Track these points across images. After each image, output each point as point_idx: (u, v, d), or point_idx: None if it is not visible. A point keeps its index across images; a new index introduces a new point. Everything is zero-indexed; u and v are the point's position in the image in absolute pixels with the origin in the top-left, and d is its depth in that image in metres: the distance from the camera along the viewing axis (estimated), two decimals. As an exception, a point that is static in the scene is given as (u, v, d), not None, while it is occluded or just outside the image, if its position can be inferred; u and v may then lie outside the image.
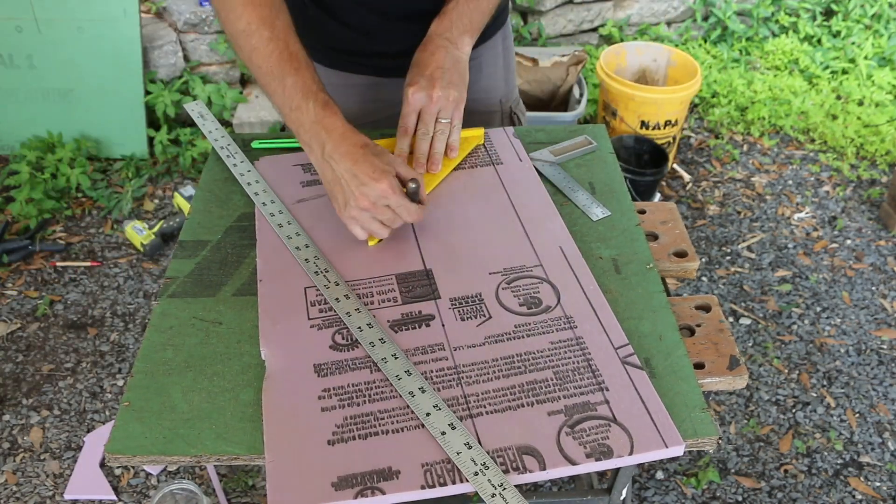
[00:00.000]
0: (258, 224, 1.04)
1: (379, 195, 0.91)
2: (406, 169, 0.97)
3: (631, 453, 0.75)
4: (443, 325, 0.89)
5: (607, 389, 0.81)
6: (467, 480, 0.73)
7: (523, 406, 0.80)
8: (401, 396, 0.81)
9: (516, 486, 0.73)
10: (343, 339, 0.88)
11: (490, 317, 0.90)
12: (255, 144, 1.21)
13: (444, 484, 0.73)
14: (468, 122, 1.32)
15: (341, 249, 0.99)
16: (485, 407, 0.80)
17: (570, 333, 0.88)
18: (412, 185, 0.96)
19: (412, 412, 0.79)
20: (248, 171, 1.12)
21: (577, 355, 0.85)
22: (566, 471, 0.74)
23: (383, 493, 0.72)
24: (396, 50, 1.17)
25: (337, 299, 0.91)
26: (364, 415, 0.79)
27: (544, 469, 0.74)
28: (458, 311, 0.91)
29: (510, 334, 0.88)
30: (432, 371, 0.83)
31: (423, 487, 0.73)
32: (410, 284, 0.94)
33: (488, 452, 0.75)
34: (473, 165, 1.15)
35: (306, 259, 0.97)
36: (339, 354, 0.86)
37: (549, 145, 1.21)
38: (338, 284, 0.93)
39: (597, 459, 0.75)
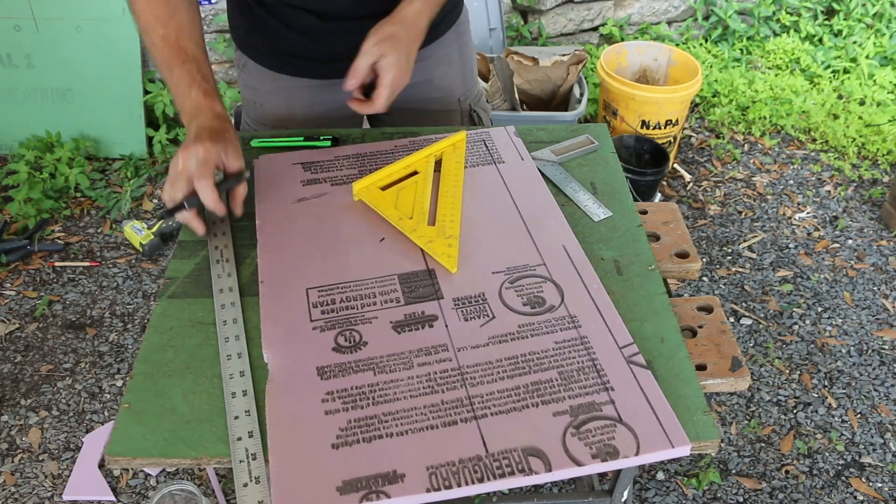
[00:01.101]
0: (259, 224, 1.03)
1: (195, 150, 0.95)
2: (238, 164, 0.99)
3: (637, 454, 0.75)
4: (446, 326, 0.88)
5: (612, 389, 0.81)
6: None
7: (528, 407, 0.79)
8: (403, 399, 0.80)
9: (521, 488, 0.72)
10: (346, 340, 0.87)
11: (493, 317, 0.89)
12: (254, 143, 1.20)
13: (450, 487, 0.72)
14: (427, 122, 1.32)
15: (343, 249, 0.99)
16: (489, 408, 0.79)
17: (574, 333, 0.87)
18: (242, 177, 1.00)
19: (416, 415, 0.78)
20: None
21: (582, 355, 0.85)
22: (572, 472, 0.74)
23: (388, 496, 0.71)
24: (341, 53, 1.15)
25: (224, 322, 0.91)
26: (368, 417, 0.78)
27: (550, 470, 0.73)
28: (462, 312, 0.90)
29: (514, 334, 0.87)
30: (436, 372, 0.83)
31: (428, 491, 0.72)
32: (413, 285, 0.94)
33: (493, 454, 0.75)
34: (475, 164, 1.14)
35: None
36: (342, 356, 0.85)
37: (550, 144, 1.21)
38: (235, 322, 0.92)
39: (603, 460, 0.74)
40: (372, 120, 1.39)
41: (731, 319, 2.15)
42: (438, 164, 1.13)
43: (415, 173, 1.11)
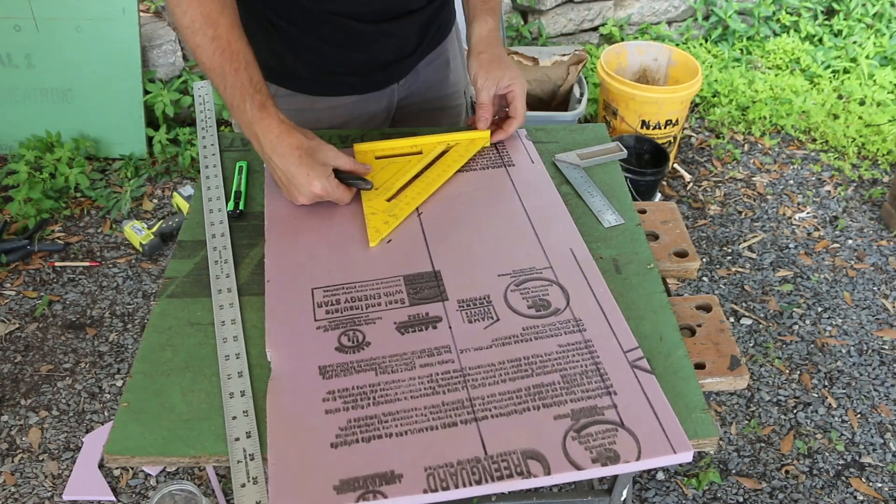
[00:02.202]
0: (268, 223, 1.03)
1: (313, 195, 1.00)
2: (346, 161, 1.03)
3: (638, 458, 0.74)
4: (450, 328, 0.88)
5: (615, 393, 0.80)
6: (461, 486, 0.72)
7: (529, 410, 0.79)
8: (404, 399, 0.80)
9: (519, 490, 0.72)
10: (349, 340, 0.87)
11: (498, 319, 0.89)
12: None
13: (447, 488, 0.72)
14: (443, 118, 1.34)
15: (349, 250, 0.99)
16: (490, 410, 0.79)
17: (578, 336, 0.87)
18: (364, 184, 1.05)
19: (416, 415, 0.78)
20: (214, 166, 1.15)
21: (586, 359, 0.84)
22: (571, 476, 0.73)
23: (385, 496, 0.71)
24: (381, 60, 1.15)
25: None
26: (368, 417, 0.78)
27: (549, 474, 0.73)
28: (466, 314, 0.90)
29: (518, 337, 0.87)
30: (438, 374, 0.83)
31: (425, 491, 0.72)
32: (418, 286, 0.93)
33: (492, 457, 0.75)
34: (485, 167, 1.14)
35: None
36: (345, 356, 0.85)
37: (549, 144, 1.21)
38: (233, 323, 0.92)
39: (603, 465, 0.74)
40: (395, 123, 1.36)
41: (732, 319, 2.15)
42: (445, 153, 1.15)
43: (419, 153, 1.14)
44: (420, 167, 1.11)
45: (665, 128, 2.50)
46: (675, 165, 2.69)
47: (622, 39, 3.14)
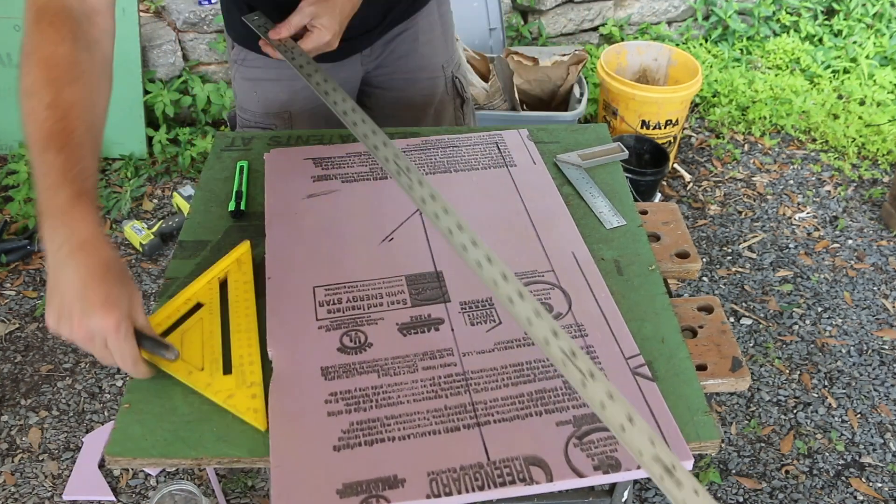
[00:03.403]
0: (268, 219, 1.03)
1: (100, 330, 0.74)
2: (147, 323, 0.80)
3: (639, 467, 0.74)
4: (452, 330, 0.88)
5: None
6: (473, 490, 0.72)
7: (531, 415, 0.79)
8: (407, 403, 0.80)
9: (521, 497, 0.72)
10: (351, 341, 0.86)
11: (500, 322, 0.89)
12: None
13: (450, 493, 0.72)
14: (413, 91, 1.33)
15: (351, 248, 0.98)
16: (492, 415, 0.79)
17: (580, 342, 0.87)
18: (168, 353, 0.80)
19: (419, 419, 0.78)
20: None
21: None
22: (573, 483, 0.73)
23: (388, 501, 0.71)
24: (347, 34, 1.13)
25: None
26: (371, 420, 0.78)
27: (551, 480, 0.73)
28: (468, 316, 0.89)
29: (520, 341, 0.87)
30: (440, 377, 0.82)
31: (428, 497, 0.71)
32: (420, 286, 0.93)
33: (495, 462, 0.75)
34: (486, 167, 1.13)
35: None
36: (347, 357, 0.85)
37: (550, 144, 1.20)
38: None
39: (604, 472, 0.74)
40: (362, 96, 1.38)
41: (732, 319, 2.15)
42: (225, 287, 0.95)
43: (198, 307, 0.92)
44: (218, 319, 0.91)
45: (665, 128, 2.50)
46: (676, 165, 2.69)
47: (622, 39, 3.14)
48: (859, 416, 1.90)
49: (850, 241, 2.41)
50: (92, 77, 0.84)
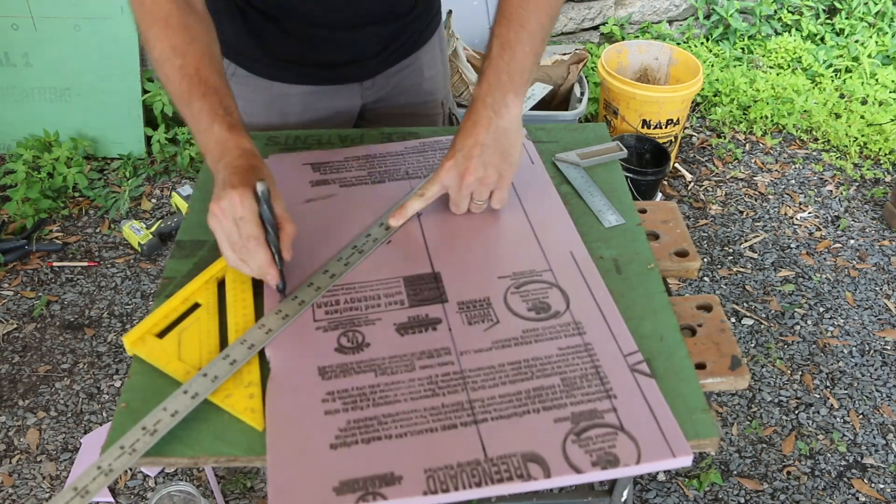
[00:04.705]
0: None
1: (230, 203, 0.83)
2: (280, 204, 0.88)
3: (638, 462, 0.74)
4: (450, 330, 0.87)
5: (615, 397, 0.80)
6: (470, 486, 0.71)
7: (529, 413, 0.78)
8: (404, 401, 0.79)
9: (519, 494, 0.71)
10: (349, 341, 0.86)
11: (498, 321, 0.88)
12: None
13: (447, 490, 0.71)
14: (411, 124, 1.29)
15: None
16: (490, 413, 0.78)
17: (578, 340, 0.86)
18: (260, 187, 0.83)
19: (416, 417, 0.78)
20: None
21: (586, 362, 0.84)
22: (571, 479, 0.73)
23: (385, 498, 0.71)
24: (341, 60, 1.14)
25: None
26: (368, 419, 0.78)
27: (549, 477, 0.73)
28: (466, 316, 0.89)
29: (518, 339, 0.86)
30: (437, 375, 0.82)
31: (425, 494, 0.71)
32: (418, 287, 0.93)
33: (492, 459, 0.74)
34: None
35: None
36: (345, 357, 0.84)
37: (549, 144, 1.20)
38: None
39: (603, 468, 0.74)
40: (361, 123, 1.35)
41: (733, 320, 2.14)
42: (223, 287, 0.94)
43: (196, 307, 0.92)
44: (216, 318, 0.91)
45: (666, 127, 2.49)
46: (676, 165, 2.68)
47: (623, 38, 3.14)
48: (861, 416, 1.89)
49: (851, 241, 2.40)
50: (202, 33, 0.95)
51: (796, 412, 1.90)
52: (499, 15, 0.99)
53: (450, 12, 2.51)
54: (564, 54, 2.53)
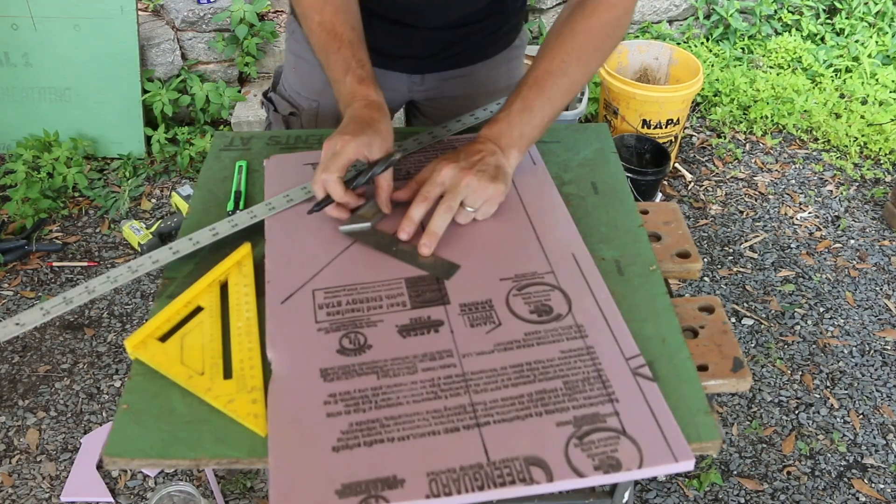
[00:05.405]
0: (268, 224, 1.02)
1: (335, 143, 0.96)
2: (381, 152, 0.98)
3: (640, 467, 0.74)
4: (451, 332, 0.87)
5: (617, 401, 0.80)
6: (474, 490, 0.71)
7: (531, 416, 0.78)
8: (406, 404, 0.79)
9: (521, 497, 0.71)
10: (350, 343, 0.86)
11: (500, 324, 0.88)
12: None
13: (450, 494, 0.71)
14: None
15: (351, 252, 0.98)
16: (492, 416, 0.78)
17: (580, 343, 0.86)
18: (395, 156, 0.98)
19: (419, 420, 0.78)
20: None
21: (588, 365, 0.84)
22: (573, 483, 0.73)
23: (387, 501, 0.70)
24: (392, 50, 1.18)
25: None
26: (370, 421, 0.77)
27: (551, 481, 0.72)
28: (468, 318, 0.89)
29: (520, 342, 0.86)
30: (440, 378, 0.82)
31: (427, 497, 0.71)
32: (420, 289, 0.93)
33: (494, 463, 0.74)
34: None
35: None
36: (346, 359, 0.84)
37: (551, 144, 1.20)
38: None
39: (605, 472, 0.73)
40: (410, 111, 1.40)
41: (733, 320, 2.14)
42: (226, 290, 0.94)
43: (199, 310, 0.91)
44: (218, 322, 0.90)
45: (666, 127, 2.49)
46: (677, 165, 2.68)
47: (623, 38, 3.14)
48: (861, 416, 1.89)
49: (852, 241, 2.40)
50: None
51: (796, 412, 1.90)
52: (531, 70, 1.06)
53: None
54: (565, 54, 2.52)
